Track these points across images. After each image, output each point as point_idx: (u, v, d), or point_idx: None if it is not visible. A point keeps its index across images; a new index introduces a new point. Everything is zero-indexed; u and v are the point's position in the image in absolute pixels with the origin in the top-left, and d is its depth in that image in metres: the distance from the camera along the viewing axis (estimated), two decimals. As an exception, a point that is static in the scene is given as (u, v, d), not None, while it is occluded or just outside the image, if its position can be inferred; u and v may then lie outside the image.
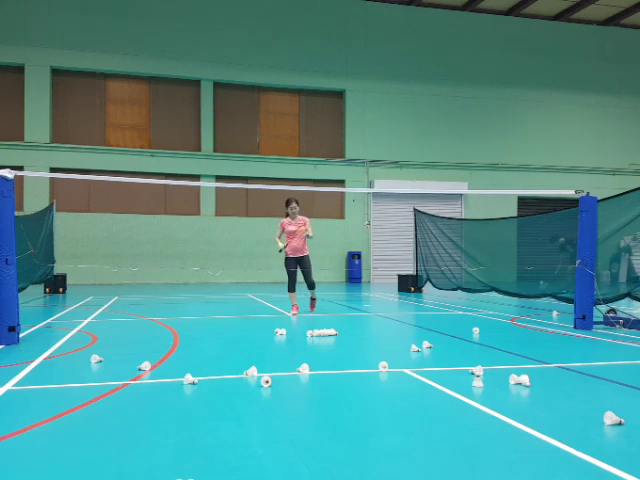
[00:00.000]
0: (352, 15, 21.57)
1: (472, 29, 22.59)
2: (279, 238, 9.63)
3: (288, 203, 9.65)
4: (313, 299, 9.86)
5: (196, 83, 20.63)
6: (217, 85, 20.80)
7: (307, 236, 9.33)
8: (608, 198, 8.46)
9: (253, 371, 4.59)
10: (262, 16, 20.76)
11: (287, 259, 9.63)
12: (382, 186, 20.87)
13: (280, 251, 9.59)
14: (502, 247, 12.63)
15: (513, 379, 4.34)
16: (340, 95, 21.92)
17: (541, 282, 10.41)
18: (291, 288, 9.62)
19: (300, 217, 9.67)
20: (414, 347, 5.79)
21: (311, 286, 9.68)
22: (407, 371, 4.82)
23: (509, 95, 22.92)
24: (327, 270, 20.48)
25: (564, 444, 2.97)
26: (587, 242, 7.73)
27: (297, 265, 9.58)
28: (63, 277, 14.48)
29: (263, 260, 19.69)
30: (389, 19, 21.81)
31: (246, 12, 20.64)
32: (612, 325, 7.86)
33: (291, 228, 9.53)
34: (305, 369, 4.76)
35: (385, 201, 21.75)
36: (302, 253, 9.58)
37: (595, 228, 7.78)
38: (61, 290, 14.19)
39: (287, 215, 9.69)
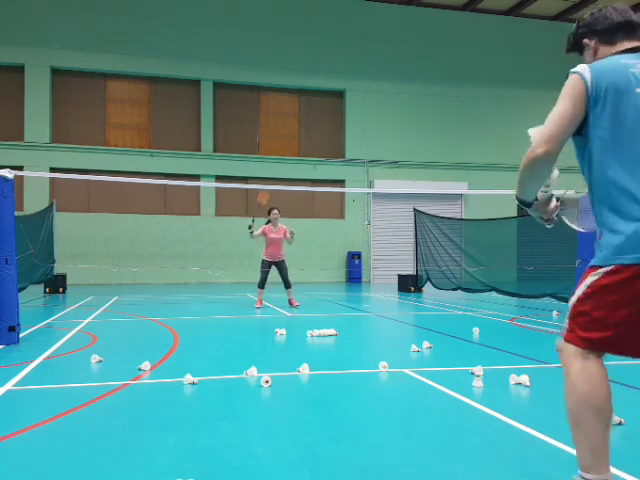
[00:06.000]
0: (352, 15, 21.56)
1: (472, 29, 22.57)
2: (256, 235, 10.50)
3: (270, 211, 10.60)
4: (291, 298, 10.77)
5: (196, 83, 20.63)
6: (217, 85, 20.79)
7: (289, 237, 10.44)
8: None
9: (253, 371, 4.59)
10: (262, 16, 20.75)
11: (264, 261, 10.68)
12: (382, 186, 20.85)
13: (249, 227, 10.34)
14: (502, 247, 12.64)
15: (513, 379, 4.35)
16: (340, 95, 21.92)
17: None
18: (261, 285, 10.68)
19: (280, 225, 10.62)
20: (414, 347, 5.80)
21: (288, 285, 10.72)
22: (407, 371, 4.82)
23: (509, 95, 22.91)
24: (327, 270, 20.48)
25: (564, 444, 2.97)
26: (586, 242, 7.73)
27: (270, 267, 10.63)
28: (63, 277, 14.47)
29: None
30: (389, 19, 21.80)
31: (246, 12, 20.63)
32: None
33: (272, 236, 10.52)
34: (305, 369, 4.76)
35: (385, 201, 21.74)
36: (278, 258, 10.61)
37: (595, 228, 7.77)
38: (61, 290, 14.19)
39: (269, 222, 10.63)
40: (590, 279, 2.12)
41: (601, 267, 2.09)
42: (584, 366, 2.12)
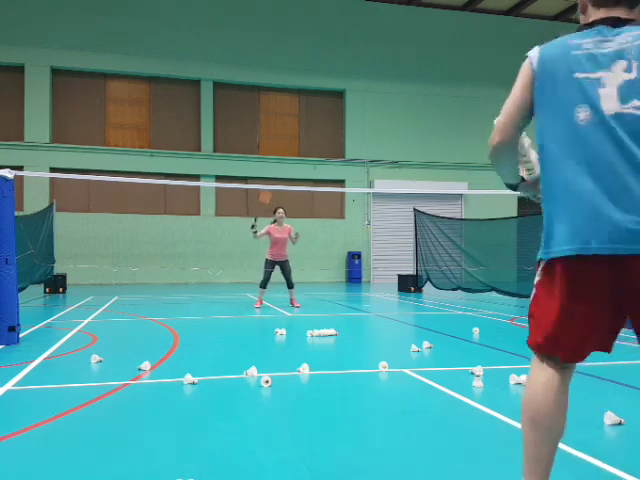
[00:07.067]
0: (352, 15, 21.55)
1: (472, 29, 22.56)
2: (259, 235, 10.46)
3: (275, 210, 10.56)
4: (293, 298, 10.75)
5: (196, 83, 20.62)
6: (217, 85, 20.79)
7: (293, 238, 10.45)
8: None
9: (253, 371, 4.59)
10: (262, 16, 20.75)
11: (267, 261, 10.64)
12: (382, 186, 20.85)
13: (252, 227, 10.32)
14: (502, 247, 12.62)
15: (513, 379, 4.35)
16: (340, 95, 21.91)
17: None
18: (263, 285, 10.64)
19: (285, 225, 10.57)
20: (414, 347, 5.80)
21: (291, 285, 10.72)
22: (407, 371, 4.82)
23: (508, 95, 22.86)
24: (327, 270, 20.47)
25: (564, 444, 2.96)
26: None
27: (274, 267, 10.59)
28: (63, 277, 14.47)
29: (263, 260, 19.80)
30: (389, 19, 21.79)
31: (246, 12, 20.62)
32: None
33: (277, 236, 10.46)
34: (305, 369, 4.76)
35: (385, 201, 21.74)
36: (282, 258, 10.59)
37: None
38: (61, 290, 14.18)
39: (274, 221, 10.56)
40: (536, 278, 2.01)
41: (541, 262, 1.98)
42: (536, 376, 2.00)
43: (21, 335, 6.53)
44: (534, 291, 2.03)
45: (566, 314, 1.89)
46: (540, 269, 1.99)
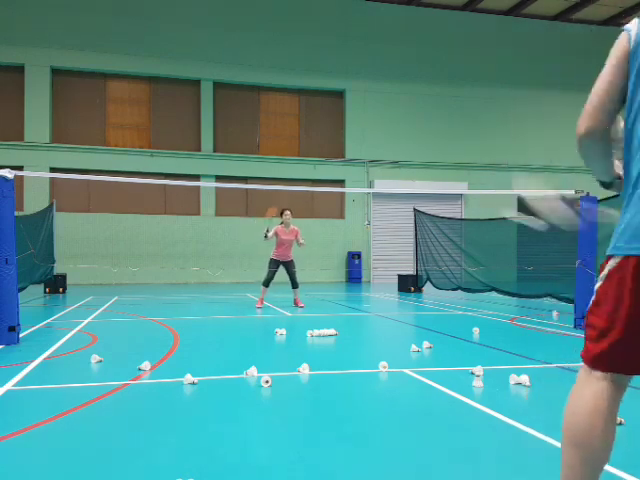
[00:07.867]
0: (352, 15, 21.54)
1: (472, 29, 22.55)
2: (269, 237, 10.67)
3: (282, 212, 10.77)
4: (297, 298, 10.91)
5: (196, 83, 20.62)
6: (217, 85, 20.78)
7: (300, 242, 10.58)
8: (608, 198, 8.44)
9: (253, 371, 4.59)
10: (262, 16, 20.74)
11: (272, 260, 10.81)
12: (382, 186, 20.84)
13: (265, 236, 10.61)
14: (502, 247, 12.63)
15: (513, 379, 4.35)
16: (340, 95, 21.91)
17: None
18: (266, 284, 10.72)
19: (292, 227, 10.76)
20: (414, 347, 5.80)
21: (296, 285, 10.88)
22: (407, 371, 4.82)
23: (508, 95, 22.90)
24: (327, 270, 20.46)
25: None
26: (587, 242, 7.73)
27: (278, 267, 10.76)
28: (63, 277, 14.47)
29: (263, 260, 19.75)
30: (389, 19, 21.79)
31: (246, 12, 20.62)
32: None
33: (284, 237, 10.64)
34: (305, 369, 4.76)
35: (385, 201, 21.73)
36: (287, 259, 10.78)
37: (595, 228, 7.78)
38: (61, 290, 14.18)
39: (282, 223, 10.74)
40: (598, 283, 1.78)
41: (609, 260, 1.75)
42: (581, 389, 1.77)
43: (21, 335, 6.53)
44: (595, 295, 1.79)
45: (635, 321, 1.66)
46: (607, 268, 1.76)
